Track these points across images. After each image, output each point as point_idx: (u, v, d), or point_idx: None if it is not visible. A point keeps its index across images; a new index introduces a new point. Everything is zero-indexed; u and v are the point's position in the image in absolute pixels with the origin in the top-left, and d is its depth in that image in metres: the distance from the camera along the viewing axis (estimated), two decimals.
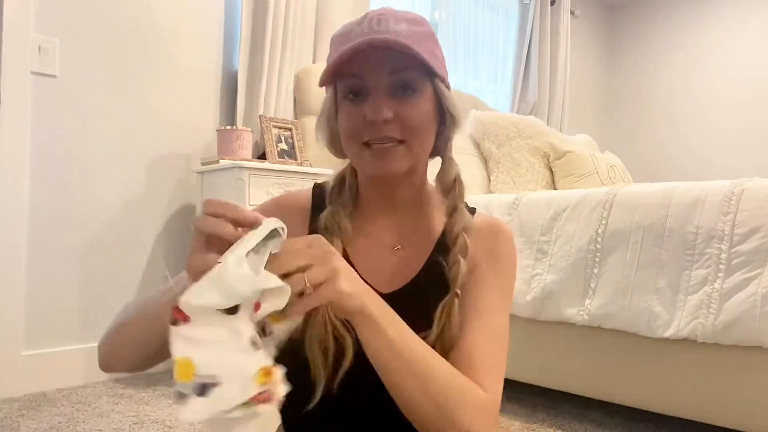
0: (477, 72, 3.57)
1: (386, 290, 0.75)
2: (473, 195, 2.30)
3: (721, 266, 1.41)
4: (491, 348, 0.72)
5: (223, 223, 0.54)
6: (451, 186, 0.79)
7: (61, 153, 2.01)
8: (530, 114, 3.69)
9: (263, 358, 0.52)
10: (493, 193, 2.54)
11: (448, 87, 0.77)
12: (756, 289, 1.33)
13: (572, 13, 4.07)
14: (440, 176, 0.81)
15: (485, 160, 2.69)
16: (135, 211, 2.19)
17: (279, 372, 0.53)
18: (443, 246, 0.77)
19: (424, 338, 0.68)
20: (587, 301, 1.62)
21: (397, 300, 0.70)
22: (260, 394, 0.50)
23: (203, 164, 2.21)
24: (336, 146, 0.79)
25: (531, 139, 2.69)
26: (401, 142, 0.72)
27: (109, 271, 2.13)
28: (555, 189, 2.63)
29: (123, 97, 2.16)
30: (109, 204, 2.13)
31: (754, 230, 1.38)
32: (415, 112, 0.72)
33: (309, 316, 0.70)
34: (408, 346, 0.63)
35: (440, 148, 0.81)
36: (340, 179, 0.82)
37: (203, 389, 0.49)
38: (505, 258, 0.80)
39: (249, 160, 2.14)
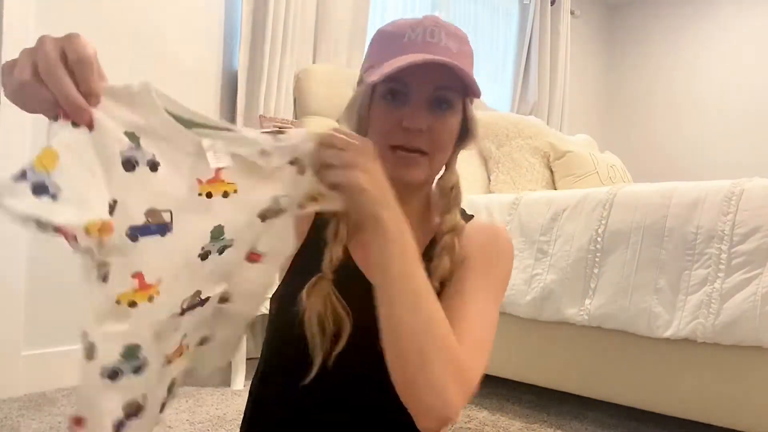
0: (477, 72, 3.54)
1: None
2: (473, 195, 2.30)
3: (721, 266, 1.41)
4: (472, 328, 0.71)
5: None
6: (448, 191, 0.82)
7: None
8: (530, 114, 3.69)
9: (103, 209, 0.49)
10: (493, 193, 2.54)
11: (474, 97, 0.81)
12: (756, 289, 1.33)
13: (572, 13, 4.07)
14: (440, 182, 0.84)
15: (485, 160, 2.69)
16: None
17: (112, 228, 0.50)
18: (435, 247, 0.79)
19: None
20: (587, 301, 1.62)
21: None
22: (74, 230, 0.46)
23: None
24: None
25: (531, 139, 2.69)
26: (424, 153, 0.75)
27: None
28: (555, 189, 2.63)
29: None
30: None
31: (754, 230, 1.38)
32: (446, 129, 0.76)
33: (310, 293, 0.72)
34: (408, 274, 0.63)
35: (450, 159, 0.83)
36: None
37: (40, 191, 0.45)
38: (499, 253, 0.82)
39: None
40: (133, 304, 0.52)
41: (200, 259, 0.57)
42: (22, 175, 0.45)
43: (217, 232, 0.57)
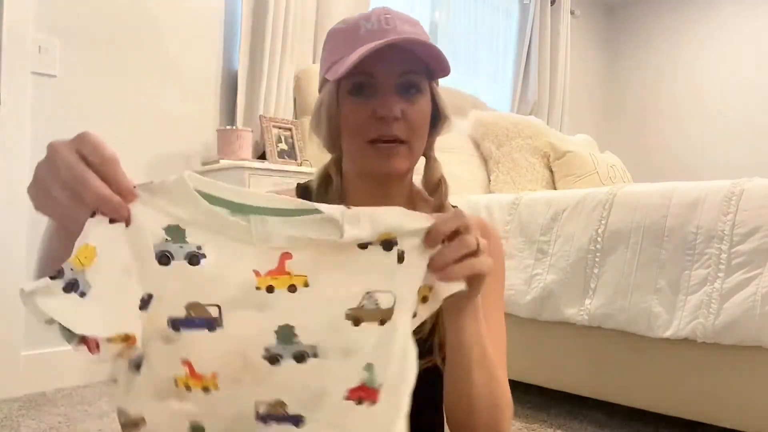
0: (477, 72, 3.56)
1: None
2: (473, 195, 2.30)
3: (721, 266, 1.41)
4: (500, 355, 0.73)
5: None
6: (436, 185, 0.81)
7: None
8: (530, 114, 3.69)
9: (135, 322, 0.47)
10: (493, 193, 2.54)
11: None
12: (756, 289, 1.33)
13: (572, 13, 4.07)
14: (426, 175, 0.82)
15: (485, 160, 2.69)
16: None
17: (137, 341, 0.48)
18: None
19: (419, 330, 0.69)
20: (587, 301, 1.62)
21: None
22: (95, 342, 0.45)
23: (203, 164, 2.21)
24: (335, 142, 0.79)
25: (531, 139, 2.69)
26: (403, 142, 0.74)
27: None
28: (555, 189, 2.63)
29: (123, 97, 2.16)
30: None
31: (754, 230, 1.38)
32: (419, 113, 0.75)
33: None
34: (485, 340, 0.64)
35: (426, 148, 0.82)
36: (325, 178, 0.82)
37: (71, 287, 0.44)
38: (497, 259, 0.79)
39: (249, 160, 2.14)
40: (188, 388, 0.49)
41: (267, 362, 0.49)
42: (59, 273, 0.44)
43: (286, 334, 0.49)
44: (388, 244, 0.50)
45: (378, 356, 0.50)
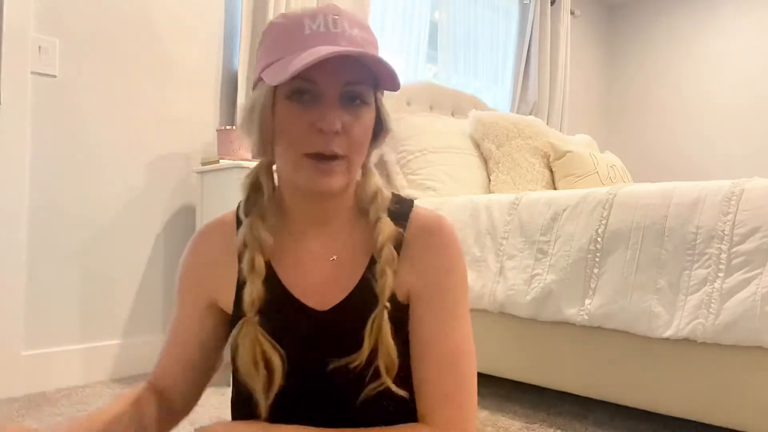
0: (477, 72, 3.57)
1: (321, 307, 0.73)
2: (473, 195, 2.30)
3: (721, 266, 1.41)
4: (442, 378, 0.71)
5: None
6: (372, 198, 0.75)
7: (61, 153, 2.01)
8: (530, 114, 3.69)
9: None
10: (493, 193, 2.54)
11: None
12: (756, 289, 1.33)
13: (572, 13, 4.07)
14: (362, 188, 0.76)
15: (485, 160, 2.69)
16: (135, 211, 2.19)
17: None
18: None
19: (355, 357, 0.69)
20: (587, 301, 1.62)
21: (333, 317, 0.72)
22: None
23: (203, 164, 2.21)
24: (267, 147, 0.72)
25: (531, 139, 2.69)
26: (342, 158, 0.68)
27: (108, 271, 2.13)
28: (555, 189, 2.63)
29: (123, 97, 2.16)
30: (108, 204, 2.13)
31: (754, 230, 1.38)
32: (361, 127, 0.69)
33: (238, 341, 0.70)
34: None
35: (365, 160, 0.76)
36: (254, 187, 0.76)
37: None
38: (447, 268, 0.74)
39: (249, 160, 2.14)
40: None
41: None
42: None
43: None
44: None
45: None
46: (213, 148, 2.35)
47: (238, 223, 0.76)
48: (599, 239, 1.63)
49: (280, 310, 0.72)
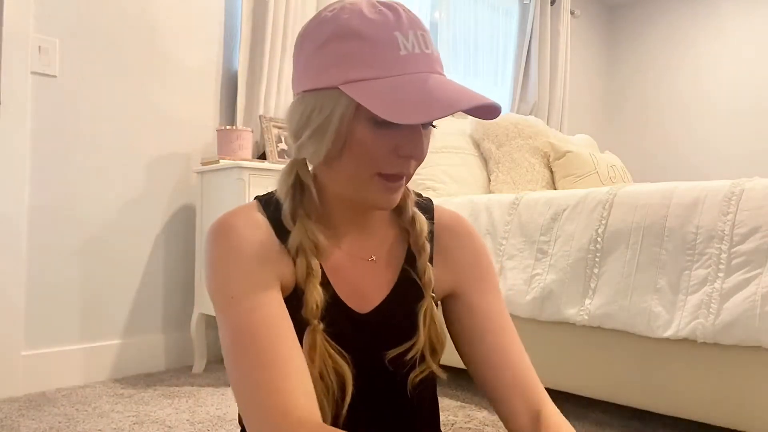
0: (477, 72, 3.57)
1: (365, 309, 0.73)
2: (473, 195, 2.30)
3: (721, 266, 1.41)
4: (522, 353, 0.81)
5: None
6: (405, 194, 0.77)
7: (61, 153, 2.01)
8: (530, 114, 3.69)
9: None
10: (493, 193, 2.54)
11: None
12: (756, 289, 1.33)
13: (572, 13, 4.07)
14: None
15: (485, 160, 2.69)
16: (135, 211, 2.19)
17: None
18: (413, 253, 0.76)
19: (412, 346, 0.71)
20: (587, 301, 1.62)
21: (378, 316, 0.72)
22: None
23: (203, 164, 2.21)
24: (326, 157, 0.66)
25: (531, 139, 2.69)
26: (408, 175, 0.69)
27: (109, 271, 2.13)
28: (555, 189, 2.63)
29: (123, 97, 2.16)
30: (108, 204, 2.13)
31: (754, 230, 1.38)
32: (427, 148, 0.68)
33: (310, 352, 0.66)
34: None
35: None
36: (298, 186, 0.72)
37: None
38: (479, 251, 0.81)
39: (249, 160, 2.14)
40: None
41: None
42: None
43: None
44: None
45: None
46: (213, 148, 2.35)
47: (270, 221, 0.71)
48: (599, 239, 1.63)
49: (332, 315, 0.69)
